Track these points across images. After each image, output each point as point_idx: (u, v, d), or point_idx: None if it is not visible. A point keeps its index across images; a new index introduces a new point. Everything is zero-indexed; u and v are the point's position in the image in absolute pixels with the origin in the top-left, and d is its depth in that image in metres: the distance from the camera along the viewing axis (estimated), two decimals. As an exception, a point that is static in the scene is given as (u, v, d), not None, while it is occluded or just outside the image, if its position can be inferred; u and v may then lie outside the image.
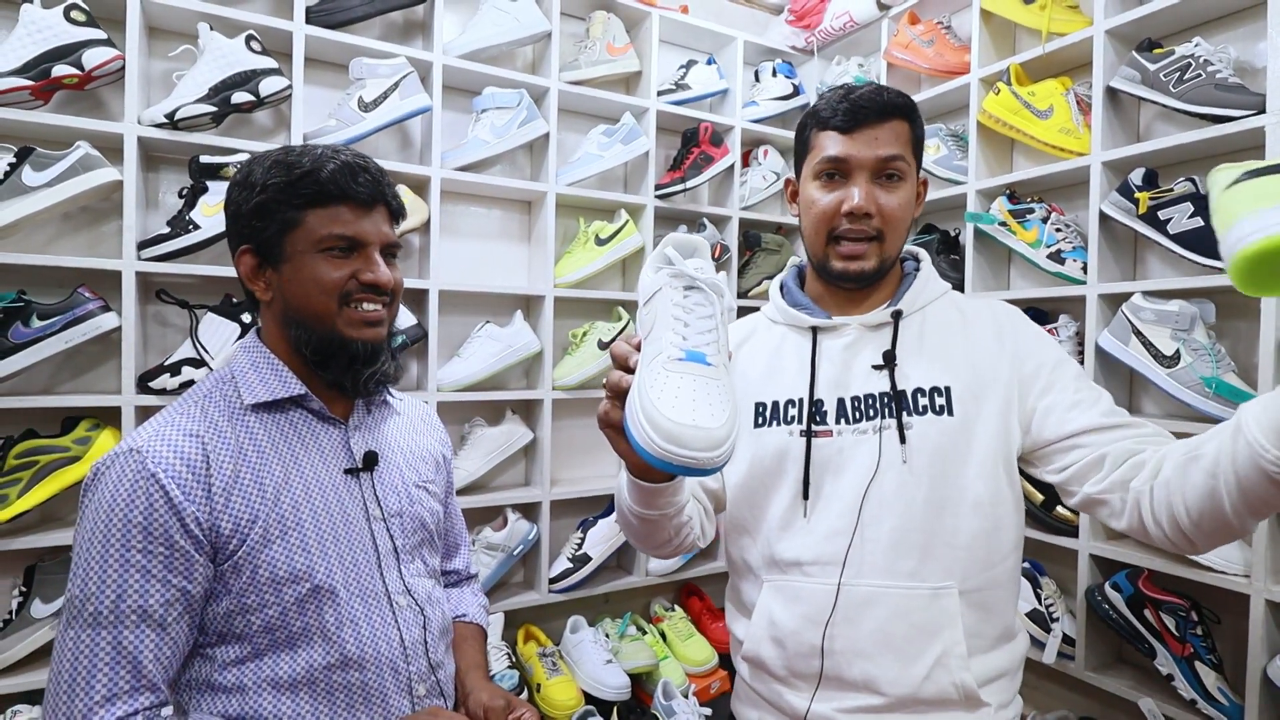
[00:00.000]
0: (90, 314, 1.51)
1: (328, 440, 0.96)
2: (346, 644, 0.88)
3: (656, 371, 0.69)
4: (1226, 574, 1.42)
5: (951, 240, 2.04)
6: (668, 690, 1.89)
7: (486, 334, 1.96)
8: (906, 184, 0.99)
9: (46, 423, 1.52)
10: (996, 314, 1.05)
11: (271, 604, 0.85)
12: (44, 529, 1.53)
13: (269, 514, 0.86)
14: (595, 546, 2.04)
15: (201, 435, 0.86)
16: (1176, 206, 1.52)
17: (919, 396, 0.97)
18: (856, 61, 2.31)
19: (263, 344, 0.96)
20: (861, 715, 0.94)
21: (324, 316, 0.91)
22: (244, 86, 1.62)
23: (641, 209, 2.17)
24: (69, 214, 1.61)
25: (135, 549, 0.80)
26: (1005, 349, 1.00)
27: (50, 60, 1.46)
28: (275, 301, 0.94)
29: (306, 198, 0.89)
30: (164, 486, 0.81)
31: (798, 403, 1.01)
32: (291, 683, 0.86)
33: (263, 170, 0.91)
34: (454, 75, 1.93)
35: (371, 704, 0.90)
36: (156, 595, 0.81)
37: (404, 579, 0.97)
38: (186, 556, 0.82)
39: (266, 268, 0.93)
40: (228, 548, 0.84)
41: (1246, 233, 0.61)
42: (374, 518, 0.96)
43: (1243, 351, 1.52)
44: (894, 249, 1.01)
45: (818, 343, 1.03)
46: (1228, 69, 1.48)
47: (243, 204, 0.92)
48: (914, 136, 1.01)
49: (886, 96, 0.98)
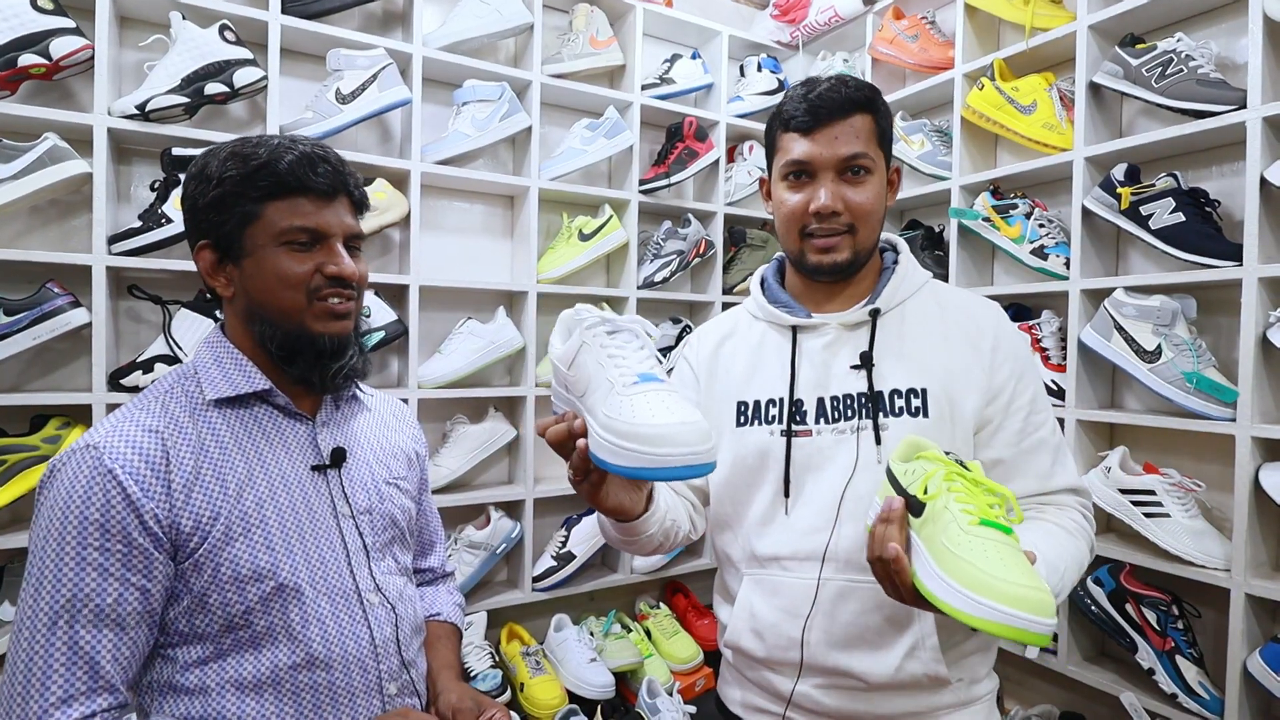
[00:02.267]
0: (59, 310, 1.47)
1: (294, 437, 0.93)
2: (313, 643, 0.86)
3: (618, 402, 0.70)
4: (1207, 568, 1.43)
5: (935, 236, 2.04)
6: (652, 688, 1.87)
7: (468, 330, 1.94)
8: (874, 177, 0.98)
9: (15, 421, 1.49)
10: (976, 313, 1.03)
11: (234, 602, 0.83)
12: (13, 530, 1.50)
13: (231, 511, 0.84)
14: (579, 544, 2.02)
15: (161, 431, 0.84)
16: (1158, 202, 1.52)
17: (895, 398, 0.96)
18: (841, 57, 2.30)
19: (226, 339, 0.94)
20: (841, 693, 0.97)
21: (290, 311, 0.89)
22: (218, 77, 1.58)
23: (625, 204, 2.15)
24: (37, 207, 1.57)
25: (92, 547, 0.78)
26: (982, 351, 0.99)
27: (16, 49, 1.42)
28: (238, 297, 0.91)
29: (265, 189, 0.87)
30: (121, 483, 0.79)
31: (778, 402, 1.02)
32: (256, 683, 0.84)
33: (218, 162, 0.88)
34: (434, 67, 1.90)
35: (339, 704, 0.88)
36: (113, 594, 0.78)
37: (374, 576, 0.94)
38: (145, 554, 0.80)
39: (227, 263, 0.90)
40: (188, 545, 0.82)
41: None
42: (342, 515, 0.93)
43: (1224, 347, 1.53)
44: (868, 240, 1.00)
45: (798, 342, 1.03)
46: (1209, 64, 1.48)
47: (199, 197, 0.89)
48: (878, 128, 0.99)
49: (846, 91, 0.96)
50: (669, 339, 2.22)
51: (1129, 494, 1.54)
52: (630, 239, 2.13)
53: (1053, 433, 0.99)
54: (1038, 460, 0.97)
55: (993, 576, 0.66)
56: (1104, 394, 1.73)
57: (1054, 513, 0.96)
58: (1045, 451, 0.98)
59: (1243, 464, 1.39)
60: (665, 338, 2.22)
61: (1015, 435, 0.97)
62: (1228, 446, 1.43)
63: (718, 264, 2.30)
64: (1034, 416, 0.98)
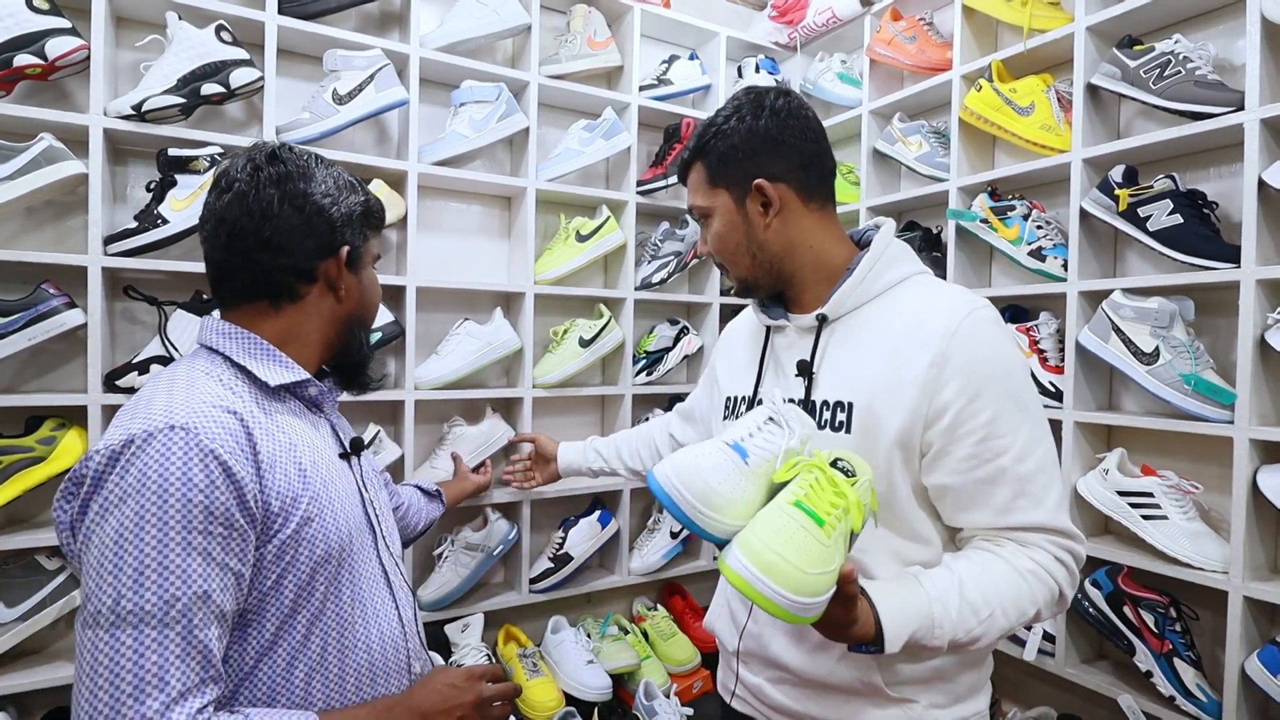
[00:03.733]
0: (54, 311, 1.46)
1: (320, 426, 0.99)
2: (357, 625, 0.91)
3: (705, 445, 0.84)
4: (1205, 571, 1.43)
5: (933, 237, 2.04)
6: (650, 690, 1.87)
7: (465, 331, 1.93)
8: (715, 218, 1.03)
9: (10, 422, 1.48)
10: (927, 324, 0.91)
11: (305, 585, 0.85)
12: (8, 531, 1.49)
13: (309, 493, 0.87)
14: (576, 546, 2.01)
15: (239, 413, 0.83)
16: (1156, 204, 1.52)
17: (824, 409, 0.95)
18: (839, 58, 2.30)
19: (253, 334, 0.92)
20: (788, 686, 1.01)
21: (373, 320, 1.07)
22: (214, 78, 1.58)
23: (623, 205, 2.15)
24: (33, 208, 1.56)
25: (197, 531, 0.75)
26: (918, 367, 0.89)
27: (12, 50, 1.41)
28: (347, 301, 1.00)
29: (378, 219, 1.04)
30: (225, 463, 0.77)
31: (747, 400, 1.07)
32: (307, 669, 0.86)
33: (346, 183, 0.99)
34: (431, 68, 1.90)
35: (377, 683, 0.92)
36: (217, 580, 0.77)
37: (394, 559, 1.02)
38: (243, 537, 0.79)
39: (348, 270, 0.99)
40: (273, 526, 0.82)
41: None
42: (367, 500, 1.00)
43: (1221, 349, 1.53)
44: (742, 269, 1.04)
45: (769, 342, 1.07)
46: (1207, 66, 1.48)
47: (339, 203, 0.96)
48: (707, 170, 1.01)
49: (681, 159, 1.06)
50: (666, 340, 2.21)
51: (1126, 496, 1.53)
52: (628, 240, 2.13)
53: (1019, 461, 0.87)
54: (994, 492, 0.88)
55: (763, 542, 0.72)
56: (1101, 396, 1.72)
57: (1012, 549, 0.88)
58: (1005, 483, 0.87)
59: (1241, 466, 1.38)
60: (662, 339, 2.21)
61: (963, 462, 0.88)
62: (1226, 448, 1.42)
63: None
64: (991, 443, 0.87)
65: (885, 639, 0.81)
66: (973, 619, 0.83)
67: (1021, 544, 0.89)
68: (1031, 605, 0.87)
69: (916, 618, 0.82)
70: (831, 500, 0.76)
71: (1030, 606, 0.87)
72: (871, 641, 0.81)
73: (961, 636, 0.84)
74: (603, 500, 2.13)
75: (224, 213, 0.91)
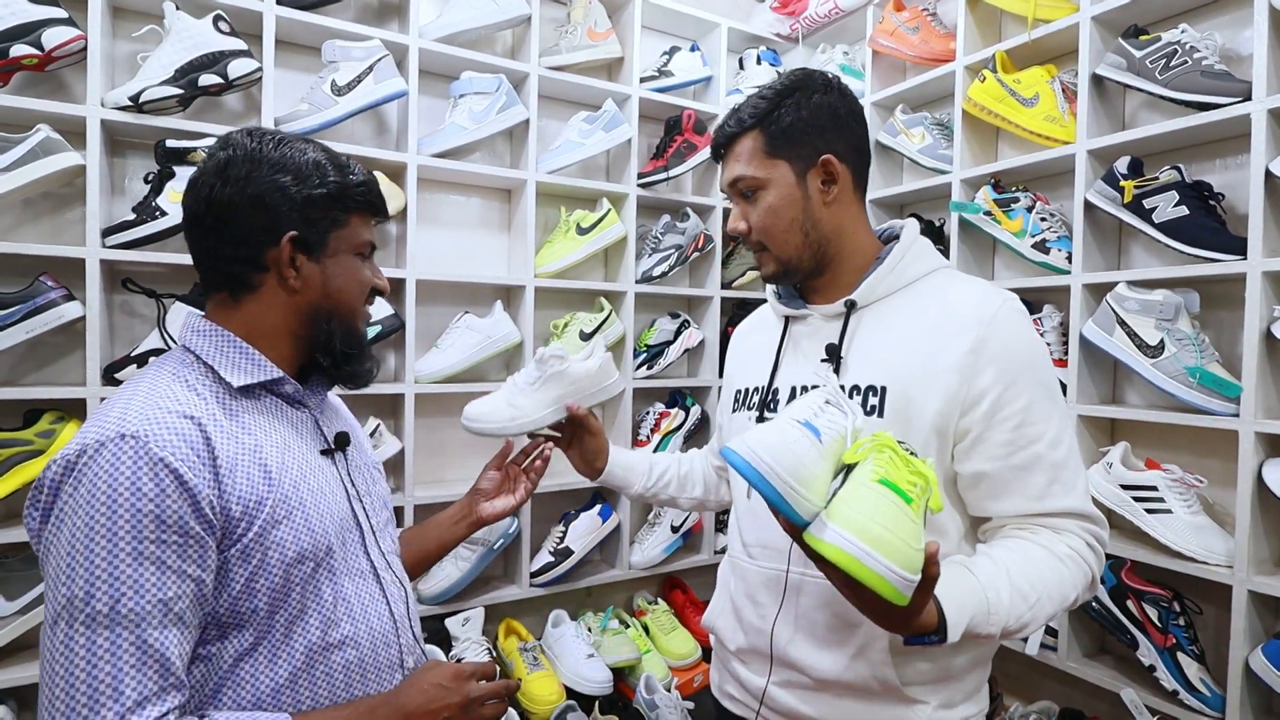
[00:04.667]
0: (53, 303, 1.46)
1: (301, 423, 0.96)
2: (342, 622, 0.89)
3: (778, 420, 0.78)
4: (1209, 564, 1.42)
5: (936, 230, 2.03)
6: (650, 684, 1.87)
7: (465, 325, 1.93)
8: (768, 191, 0.99)
9: (8, 415, 1.48)
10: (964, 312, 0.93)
11: (279, 586, 0.84)
12: (7, 524, 1.49)
13: (273, 494, 0.85)
14: (577, 540, 2.01)
15: (197, 417, 0.82)
16: (1162, 195, 1.50)
17: (854, 394, 0.95)
18: (841, 49, 2.29)
19: (225, 330, 0.91)
20: (798, 690, 0.99)
21: (355, 312, 0.98)
22: (212, 68, 1.57)
23: (624, 198, 2.14)
24: (30, 200, 1.56)
25: (148, 540, 0.75)
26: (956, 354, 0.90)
27: (8, 40, 1.41)
28: (305, 291, 0.93)
29: (358, 203, 0.95)
30: (176, 471, 0.77)
31: (760, 389, 1.06)
32: (290, 667, 0.85)
33: (311, 163, 0.91)
34: (431, 59, 1.89)
35: (367, 680, 0.91)
36: (174, 588, 0.76)
37: (385, 555, 1.00)
38: (200, 543, 0.78)
39: (303, 257, 0.92)
40: (235, 532, 0.81)
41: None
42: (353, 496, 0.98)
43: (1227, 341, 1.51)
44: (788, 249, 1.00)
45: (788, 331, 1.06)
46: (1214, 56, 1.47)
47: (291, 190, 0.90)
48: (766, 139, 0.98)
49: (729, 123, 1.01)
50: (667, 334, 2.21)
51: (1130, 490, 1.53)
52: (628, 233, 2.12)
53: (1052, 448, 0.89)
54: (1030, 478, 0.89)
55: (866, 516, 0.68)
56: (1106, 389, 1.71)
57: (1047, 535, 0.89)
58: (1041, 469, 0.89)
59: (1246, 459, 1.38)
60: (663, 332, 2.21)
61: (1001, 448, 0.89)
62: (1231, 442, 1.41)
63: (716, 258, 2.28)
64: (1027, 429, 0.89)
65: (948, 627, 0.77)
66: (1023, 605, 0.82)
67: (1055, 530, 0.90)
68: (1072, 590, 0.87)
69: (973, 605, 0.80)
70: (909, 478, 0.74)
71: (1071, 591, 0.87)
72: (934, 631, 0.77)
73: (1013, 623, 0.82)
74: (603, 494, 2.13)
75: (184, 201, 0.92)
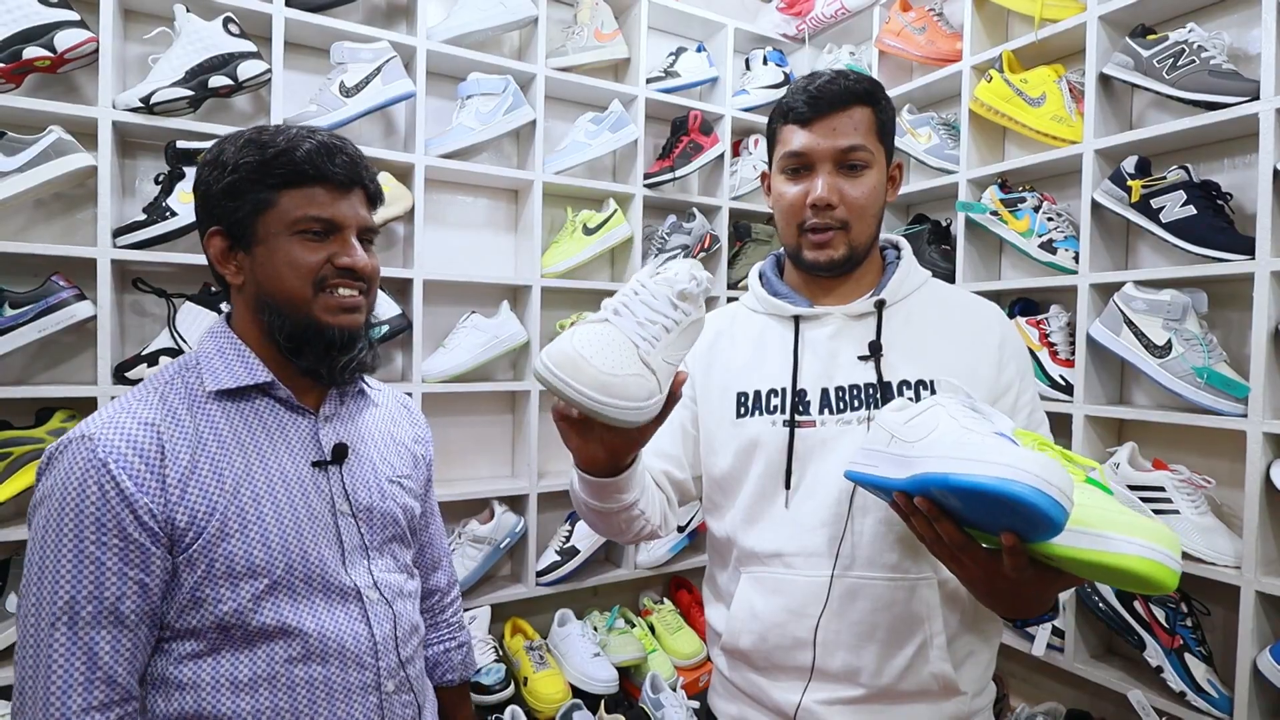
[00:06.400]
0: (64, 303, 1.47)
1: (295, 431, 0.92)
2: (309, 639, 0.86)
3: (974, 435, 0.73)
4: (1217, 565, 1.41)
5: (943, 230, 2.02)
6: (656, 683, 1.87)
7: (472, 324, 1.94)
8: (872, 171, 0.97)
9: (20, 414, 1.49)
10: (979, 311, 1.04)
11: (227, 599, 0.82)
12: (19, 522, 1.50)
13: (227, 507, 0.83)
14: (583, 539, 2.01)
15: (157, 424, 0.83)
16: (1169, 195, 1.50)
17: (904, 389, 0.95)
18: (848, 50, 2.28)
19: (231, 330, 0.92)
20: (842, 706, 0.94)
21: (299, 301, 0.88)
22: (222, 70, 1.58)
23: (630, 198, 2.14)
24: (42, 200, 1.57)
25: (89, 541, 0.78)
26: (989, 347, 1.00)
27: (21, 42, 1.42)
28: (247, 285, 0.90)
29: (281, 178, 0.86)
30: (114, 475, 0.78)
31: (780, 392, 1.00)
32: (251, 680, 0.83)
33: (235, 149, 0.87)
34: (438, 60, 1.90)
35: (335, 700, 0.87)
36: (113, 590, 0.78)
37: (373, 574, 0.94)
38: (141, 549, 0.79)
39: (238, 250, 0.89)
40: (183, 540, 0.81)
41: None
42: (341, 512, 0.92)
43: (1235, 342, 1.51)
44: (863, 236, 0.99)
45: (800, 332, 1.02)
46: (1222, 55, 1.46)
47: (213, 183, 0.88)
48: (879, 121, 0.98)
49: (845, 83, 0.95)
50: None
51: (1138, 490, 1.52)
52: (635, 233, 2.12)
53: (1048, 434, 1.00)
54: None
55: (1119, 512, 0.67)
56: (1113, 389, 1.71)
57: None
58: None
59: (1254, 460, 1.37)
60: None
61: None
62: (1239, 442, 1.41)
63: (723, 259, 2.29)
64: (1035, 415, 1.00)
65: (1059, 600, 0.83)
66: None
67: None
68: None
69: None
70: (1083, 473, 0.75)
71: None
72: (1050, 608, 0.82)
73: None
74: (609, 494, 2.13)
75: None
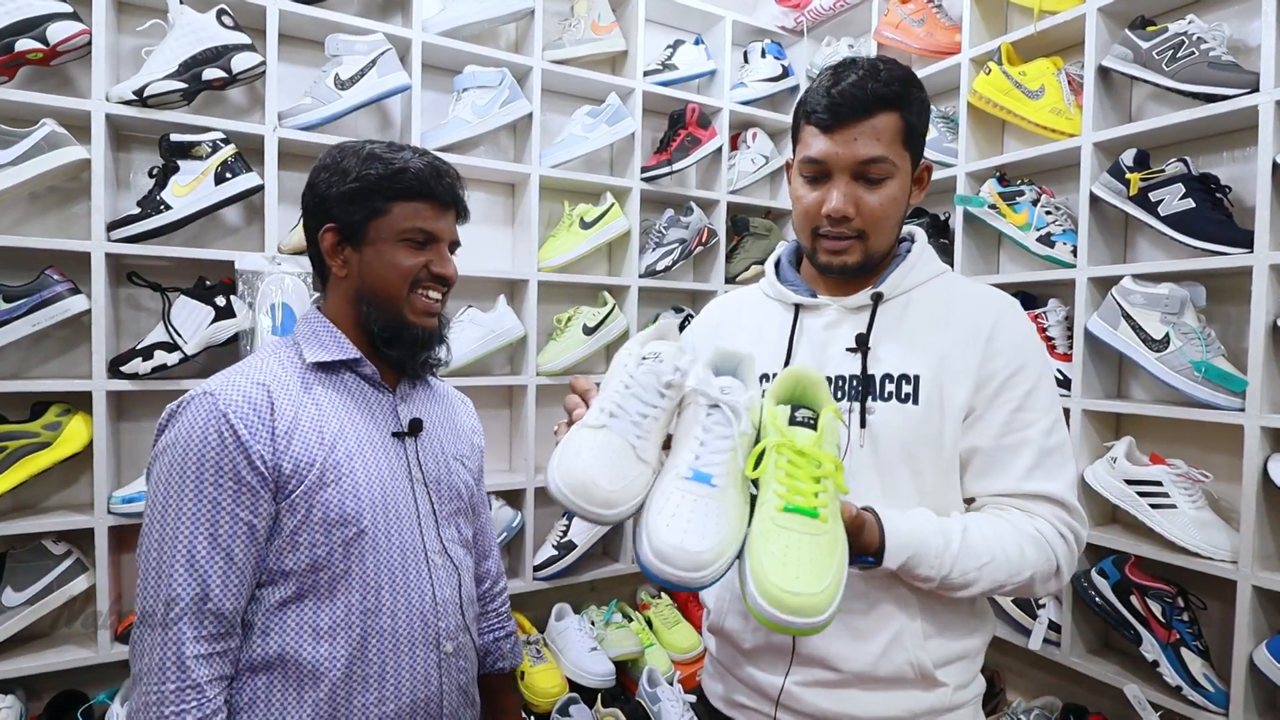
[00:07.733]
0: (59, 296, 1.47)
1: (378, 404, 1.05)
2: (382, 590, 0.96)
3: (665, 485, 0.76)
4: (1213, 560, 1.41)
5: (941, 223, 2.02)
6: (653, 677, 1.87)
7: (469, 319, 1.93)
8: (894, 181, 0.94)
9: (15, 408, 1.49)
10: (981, 304, 0.99)
11: (320, 544, 0.93)
12: (15, 516, 1.50)
13: (325, 459, 0.95)
14: (580, 534, 2.02)
15: (268, 384, 0.95)
16: (1168, 188, 1.49)
17: (887, 382, 0.95)
18: (847, 42, 2.27)
19: (323, 316, 1.06)
20: (823, 690, 0.95)
21: (394, 299, 1.02)
22: (216, 63, 1.57)
23: (627, 192, 2.13)
24: (36, 194, 1.57)
25: (209, 483, 0.89)
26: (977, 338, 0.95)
27: (13, 35, 1.42)
28: (350, 278, 1.04)
29: (397, 191, 1.01)
30: (233, 425, 0.90)
31: (771, 378, 1.00)
32: (331, 627, 0.93)
33: (358, 160, 1.01)
34: (434, 53, 1.89)
35: (400, 651, 0.97)
36: (226, 529, 0.89)
37: (441, 539, 1.06)
38: (252, 491, 0.91)
39: (346, 247, 1.03)
40: (287, 486, 0.93)
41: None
42: (415, 479, 1.05)
43: (1233, 336, 1.50)
44: (881, 244, 0.98)
45: (799, 320, 1.03)
46: (1221, 47, 1.45)
47: (333, 187, 1.01)
48: (906, 126, 0.94)
49: (873, 87, 0.91)
50: (671, 328, 2.20)
51: (1135, 485, 1.52)
52: (632, 227, 2.11)
53: (1046, 436, 0.93)
54: (1017, 459, 0.92)
55: (778, 575, 0.67)
56: (1110, 383, 1.70)
57: (1017, 515, 0.91)
58: (1028, 452, 0.92)
59: (1251, 454, 1.37)
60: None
61: (997, 428, 0.93)
62: (1236, 437, 1.41)
63: (720, 253, 2.28)
64: (1024, 414, 0.93)
65: (886, 551, 0.83)
66: (971, 561, 0.86)
67: (1028, 513, 0.92)
68: (1029, 568, 0.89)
69: (918, 542, 0.84)
70: (812, 477, 0.73)
71: (1027, 569, 0.89)
72: (872, 554, 0.83)
73: (956, 576, 0.85)
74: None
75: None
